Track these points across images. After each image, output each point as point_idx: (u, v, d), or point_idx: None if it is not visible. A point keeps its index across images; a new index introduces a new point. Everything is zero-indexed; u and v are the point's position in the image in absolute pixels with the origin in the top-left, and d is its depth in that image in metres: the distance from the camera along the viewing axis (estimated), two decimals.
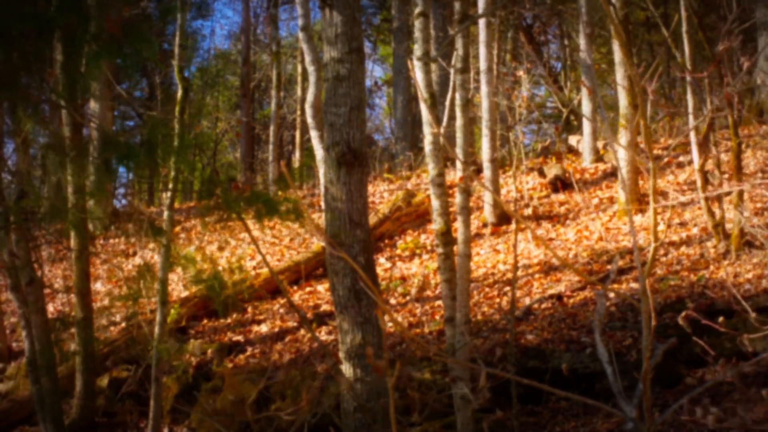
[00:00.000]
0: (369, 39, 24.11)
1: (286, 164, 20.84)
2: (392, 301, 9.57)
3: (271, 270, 5.57)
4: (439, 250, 5.76)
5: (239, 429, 6.33)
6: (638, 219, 10.38)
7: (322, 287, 10.07)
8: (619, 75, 11.04)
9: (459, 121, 6.21)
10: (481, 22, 11.09)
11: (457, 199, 5.94)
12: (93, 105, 12.75)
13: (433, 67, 6.32)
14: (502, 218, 11.36)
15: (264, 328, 9.34)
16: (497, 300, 9.04)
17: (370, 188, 13.66)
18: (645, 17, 18.16)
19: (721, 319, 4.05)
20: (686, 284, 8.28)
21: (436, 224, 5.73)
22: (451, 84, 6.48)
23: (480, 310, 8.77)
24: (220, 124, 23.56)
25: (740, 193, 8.51)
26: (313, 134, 8.71)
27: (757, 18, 14.07)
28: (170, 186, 6.66)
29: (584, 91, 13.59)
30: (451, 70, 6.40)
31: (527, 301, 8.77)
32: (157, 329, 6.41)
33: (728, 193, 8.95)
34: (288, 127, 22.25)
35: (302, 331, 8.96)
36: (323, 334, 8.75)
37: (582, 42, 13.34)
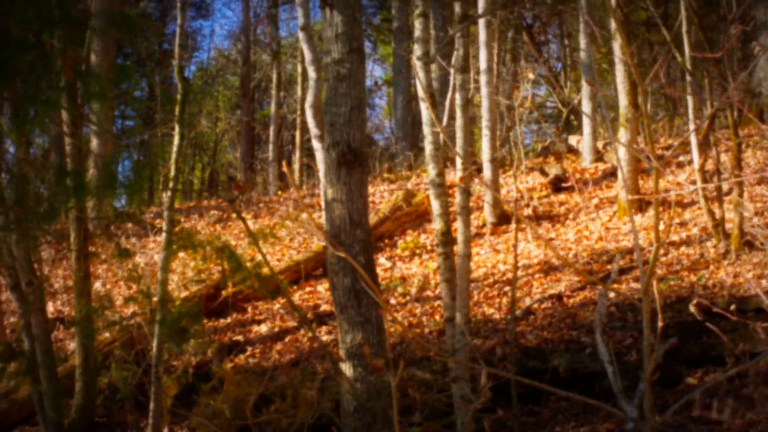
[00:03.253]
0: (369, 39, 24.13)
1: (286, 164, 20.82)
2: (392, 301, 9.57)
3: (271, 270, 5.56)
4: (439, 250, 5.76)
5: (239, 429, 6.33)
6: (638, 219, 10.38)
7: (322, 287, 10.06)
8: (619, 74, 11.03)
9: (459, 121, 6.21)
10: (481, 22, 11.08)
11: (457, 199, 5.94)
12: (93, 105, 12.72)
13: (433, 67, 6.32)
14: (502, 218, 11.36)
15: (264, 328, 9.33)
16: (497, 300, 9.04)
17: (370, 188, 13.66)
18: (645, 17, 18.16)
19: (732, 307, 4.04)
20: (686, 284, 8.28)
21: (436, 224, 5.73)
22: (451, 84, 6.48)
23: (480, 310, 8.76)
24: (220, 124, 23.56)
25: (740, 191, 8.51)
26: (314, 134, 8.71)
27: (757, 18, 14.07)
28: (170, 186, 6.65)
29: (584, 91, 13.59)
30: (451, 70, 6.40)
31: (527, 301, 8.76)
32: (157, 329, 6.40)
33: (728, 192, 8.95)
34: (288, 127, 22.26)
35: (302, 331, 8.95)
36: (323, 334, 8.75)
37: (582, 41, 13.33)
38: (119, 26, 5.69)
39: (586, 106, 13.62)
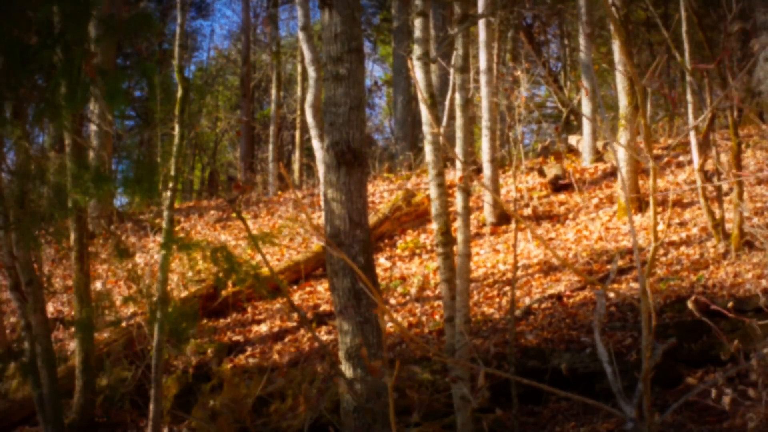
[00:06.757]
0: (369, 39, 24.12)
1: (285, 164, 20.84)
2: (392, 301, 9.56)
3: (271, 270, 5.56)
4: (439, 249, 5.76)
5: (238, 430, 6.33)
6: (638, 219, 10.38)
7: (322, 287, 10.06)
8: (619, 74, 11.03)
9: (459, 121, 6.21)
10: (481, 22, 11.08)
11: (457, 199, 5.94)
12: (93, 105, 12.71)
13: (433, 67, 6.32)
14: (502, 218, 11.36)
15: (264, 328, 9.33)
16: (497, 300, 9.04)
17: (370, 188, 13.66)
18: (645, 17, 18.15)
19: (730, 304, 4.04)
20: (686, 284, 8.28)
21: (436, 224, 5.73)
22: (451, 84, 6.48)
23: (480, 310, 8.76)
24: (220, 124, 23.56)
25: (740, 192, 8.50)
26: (313, 134, 8.71)
27: (757, 19, 14.05)
28: (170, 186, 6.65)
29: (584, 91, 13.59)
30: (451, 70, 6.40)
31: (527, 301, 8.76)
32: (156, 329, 6.40)
33: (728, 192, 8.94)
34: (288, 127, 22.26)
35: (302, 331, 8.95)
36: (323, 334, 8.75)
37: (582, 42, 13.33)
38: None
39: (586, 106, 13.61)
